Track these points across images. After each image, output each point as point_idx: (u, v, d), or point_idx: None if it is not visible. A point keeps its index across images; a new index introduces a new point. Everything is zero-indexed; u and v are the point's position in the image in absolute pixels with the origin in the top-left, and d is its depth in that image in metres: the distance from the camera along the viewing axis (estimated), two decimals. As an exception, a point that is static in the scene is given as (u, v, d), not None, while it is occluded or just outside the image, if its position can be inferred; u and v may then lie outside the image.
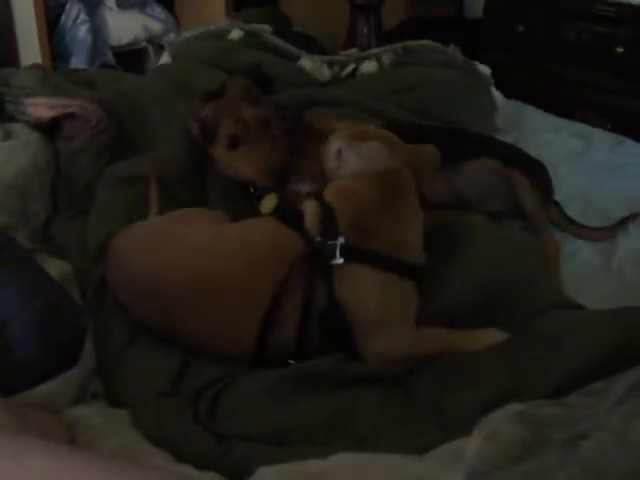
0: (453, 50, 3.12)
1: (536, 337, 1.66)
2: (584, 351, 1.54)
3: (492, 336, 1.71)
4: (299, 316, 1.69)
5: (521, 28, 4.41)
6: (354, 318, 1.68)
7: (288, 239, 1.74)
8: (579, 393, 1.39)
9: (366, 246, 1.71)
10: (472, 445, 1.25)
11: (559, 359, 1.55)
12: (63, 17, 4.56)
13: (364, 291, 1.69)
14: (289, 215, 1.80)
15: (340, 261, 1.69)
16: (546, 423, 1.21)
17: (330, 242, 1.70)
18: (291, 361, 1.70)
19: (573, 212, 2.41)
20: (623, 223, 2.38)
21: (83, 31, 4.52)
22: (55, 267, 1.92)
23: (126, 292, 1.81)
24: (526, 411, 1.26)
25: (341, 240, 1.70)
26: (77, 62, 4.48)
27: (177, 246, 1.78)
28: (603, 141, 3.03)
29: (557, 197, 2.40)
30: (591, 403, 1.28)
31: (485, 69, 3.12)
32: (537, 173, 2.33)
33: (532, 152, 2.42)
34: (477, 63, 3.15)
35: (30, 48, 4.25)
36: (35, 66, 2.83)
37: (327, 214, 1.75)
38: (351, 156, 1.85)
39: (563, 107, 3.61)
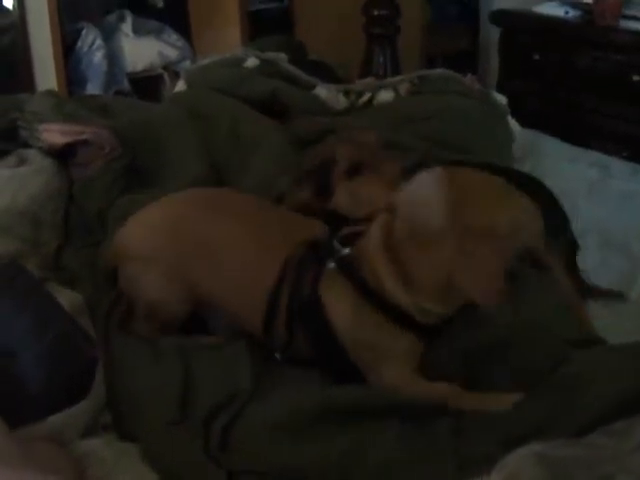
0: (470, 79, 3.11)
1: (556, 378, 1.62)
2: (606, 391, 1.51)
3: (508, 399, 1.63)
4: (286, 304, 1.71)
5: (537, 57, 4.41)
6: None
7: (308, 222, 1.79)
8: (600, 433, 1.36)
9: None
10: (490, 486, 1.23)
11: (580, 400, 1.52)
12: (79, 43, 4.59)
13: (339, 306, 1.68)
14: None
15: (331, 265, 1.68)
16: (567, 464, 1.18)
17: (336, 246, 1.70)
18: (277, 355, 1.74)
19: (590, 244, 2.37)
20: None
21: (99, 57, 4.55)
22: (66, 297, 1.90)
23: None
24: (546, 452, 1.23)
25: (345, 251, 1.69)
26: (93, 88, 4.50)
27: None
28: (620, 170, 3.00)
29: (574, 228, 2.36)
30: (613, 444, 1.26)
31: (501, 98, 3.11)
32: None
33: (548, 182, 2.38)
34: (493, 92, 3.13)
35: (46, 73, 4.28)
36: (49, 92, 2.84)
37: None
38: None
39: (579, 136, 3.60)
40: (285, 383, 1.70)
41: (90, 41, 4.58)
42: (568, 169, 2.94)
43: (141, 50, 4.73)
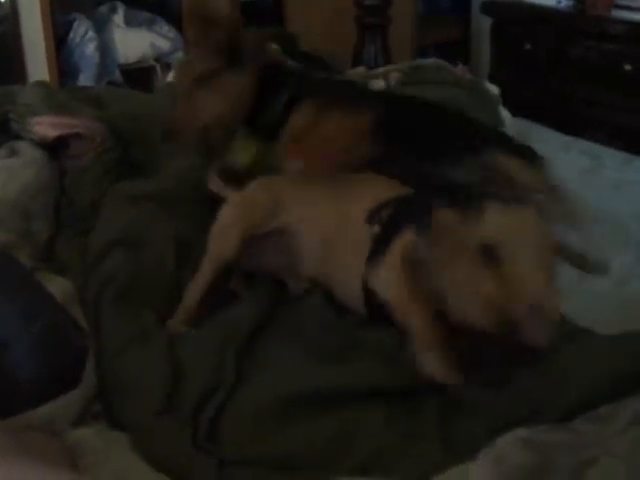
0: (462, 69, 3.11)
1: (541, 364, 1.63)
2: (589, 377, 1.52)
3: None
4: None
5: (528, 46, 4.41)
6: None
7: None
8: (584, 418, 1.37)
9: None
10: (477, 470, 1.24)
11: (564, 386, 1.53)
12: (71, 34, 4.57)
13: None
14: None
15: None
16: (552, 449, 1.20)
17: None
18: None
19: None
20: None
21: (91, 48, 4.54)
22: (57, 285, 1.91)
23: None
24: (532, 437, 1.24)
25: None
26: (85, 79, 4.49)
27: None
28: (612, 159, 3.01)
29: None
30: (597, 429, 1.27)
31: (493, 88, 3.12)
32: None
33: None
34: (485, 82, 3.14)
35: (38, 64, 4.27)
36: (40, 83, 2.84)
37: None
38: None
39: (571, 126, 3.60)
40: (270, 364, 1.70)
41: (82, 32, 4.57)
42: (560, 158, 2.95)
43: (133, 41, 4.71)
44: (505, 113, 3.12)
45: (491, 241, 1.46)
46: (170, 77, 3.20)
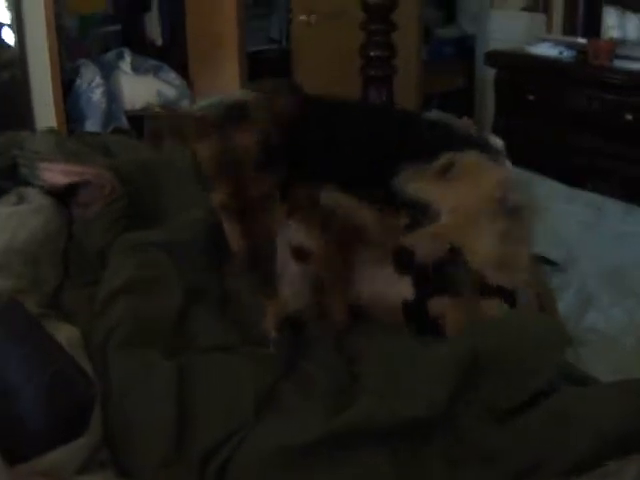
0: (466, 122, 3.13)
1: (550, 415, 1.63)
2: (599, 431, 1.52)
3: None
4: None
5: (531, 97, 4.45)
6: None
7: None
8: (593, 475, 1.37)
9: None
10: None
11: (574, 438, 1.53)
12: (78, 80, 4.62)
13: None
14: None
15: None
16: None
17: None
18: None
19: (592, 283, 2.44)
20: None
21: (98, 94, 4.58)
22: (63, 332, 1.90)
23: None
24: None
25: None
26: (91, 125, 4.52)
27: None
28: (614, 210, 3.02)
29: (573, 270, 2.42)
30: (606, 485, 1.27)
31: (497, 142, 3.13)
32: None
33: (545, 223, 2.41)
34: (490, 136, 3.16)
35: (45, 109, 4.30)
36: (50, 131, 2.86)
37: None
38: None
39: (573, 175, 3.62)
40: (283, 412, 1.72)
41: (89, 78, 4.61)
42: (564, 210, 2.96)
43: (140, 88, 4.75)
44: (508, 165, 3.13)
45: None
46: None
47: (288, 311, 2.00)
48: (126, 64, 4.78)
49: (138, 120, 4.72)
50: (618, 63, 4.14)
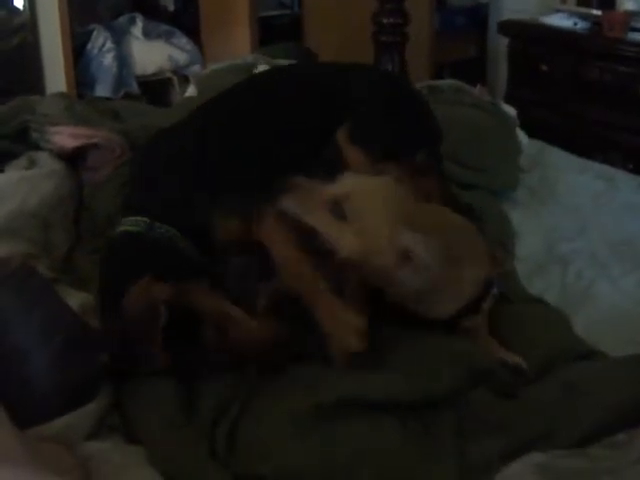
0: (480, 90, 3.11)
1: (560, 386, 1.64)
2: (607, 402, 1.53)
3: None
4: None
5: (545, 67, 4.42)
6: None
7: None
8: (602, 445, 1.37)
9: None
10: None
11: (582, 410, 1.54)
12: (89, 45, 4.61)
13: None
14: None
15: None
16: (568, 476, 1.20)
17: None
18: None
19: (601, 253, 2.43)
20: None
21: (109, 59, 4.56)
22: (75, 298, 1.90)
23: None
24: (548, 463, 1.24)
25: None
26: (102, 90, 4.51)
27: None
28: (626, 183, 3.01)
29: (583, 240, 2.38)
30: (614, 456, 1.27)
31: (511, 110, 3.12)
32: None
33: (557, 194, 2.40)
34: (503, 104, 3.14)
35: (56, 75, 4.29)
36: (60, 94, 2.85)
37: None
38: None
39: (585, 147, 3.60)
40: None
41: (100, 43, 4.60)
42: (575, 180, 2.95)
43: (151, 53, 4.74)
44: (522, 135, 3.12)
45: (340, 198, 1.63)
46: (188, 91, 3.22)
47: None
48: (138, 29, 4.76)
49: (149, 85, 4.73)
50: (632, 35, 4.10)
